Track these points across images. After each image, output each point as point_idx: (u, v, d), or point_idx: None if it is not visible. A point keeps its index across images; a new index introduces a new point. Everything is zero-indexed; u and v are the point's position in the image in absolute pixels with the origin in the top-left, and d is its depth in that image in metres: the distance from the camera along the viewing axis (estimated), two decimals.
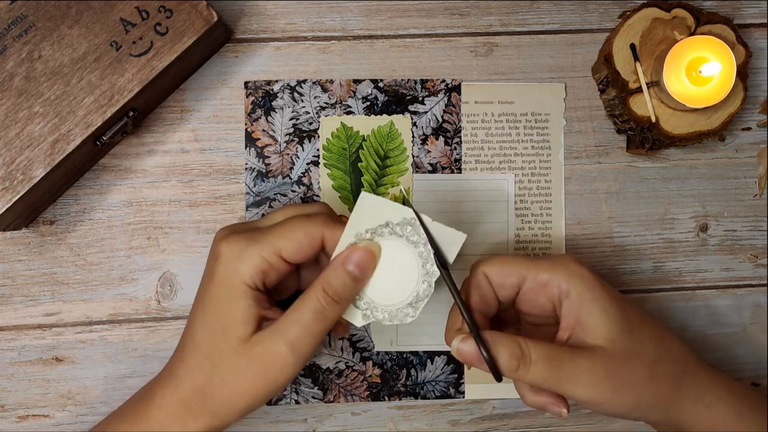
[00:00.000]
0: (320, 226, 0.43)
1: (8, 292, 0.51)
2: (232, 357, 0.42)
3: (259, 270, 0.42)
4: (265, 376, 0.42)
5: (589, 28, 0.54)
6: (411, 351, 0.53)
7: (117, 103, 0.46)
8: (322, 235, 0.43)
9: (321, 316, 0.42)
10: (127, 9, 0.46)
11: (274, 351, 0.41)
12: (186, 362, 0.44)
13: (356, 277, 0.43)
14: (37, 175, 0.45)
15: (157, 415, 0.43)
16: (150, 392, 0.45)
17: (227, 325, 0.42)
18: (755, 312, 0.55)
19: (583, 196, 0.54)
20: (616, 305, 0.43)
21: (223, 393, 0.42)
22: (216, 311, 0.43)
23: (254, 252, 0.42)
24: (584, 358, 0.42)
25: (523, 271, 0.44)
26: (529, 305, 0.45)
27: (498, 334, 0.42)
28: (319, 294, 0.42)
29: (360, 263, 0.42)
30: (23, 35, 0.45)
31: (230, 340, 0.42)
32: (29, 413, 0.52)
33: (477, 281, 0.45)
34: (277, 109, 0.52)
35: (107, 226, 0.52)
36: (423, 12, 0.53)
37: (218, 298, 0.43)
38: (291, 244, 0.42)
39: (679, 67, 0.50)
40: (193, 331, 0.44)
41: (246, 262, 0.42)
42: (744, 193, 0.55)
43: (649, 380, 0.43)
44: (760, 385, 0.55)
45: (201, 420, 0.43)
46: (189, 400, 0.43)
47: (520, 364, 0.41)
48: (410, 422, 0.54)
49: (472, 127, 0.53)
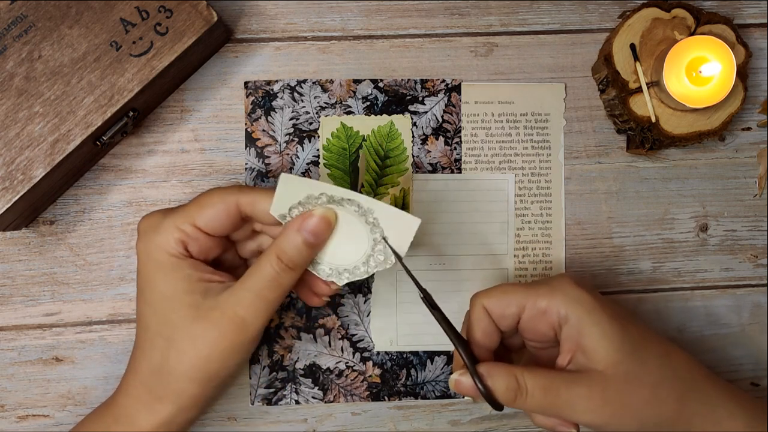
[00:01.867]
0: (234, 192, 0.43)
1: (8, 292, 0.51)
2: (185, 325, 0.42)
3: (177, 239, 0.42)
4: (224, 338, 0.42)
5: (589, 28, 0.54)
6: (411, 351, 0.53)
7: (117, 103, 0.46)
8: (236, 201, 0.43)
9: (275, 283, 0.42)
10: (127, 9, 0.46)
11: (231, 314, 0.41)
12: (139, 345, 0.44)
13: (311, 243, 0.42)
14: (37, 175, 0.45)
15: (124, 403, 0.44)
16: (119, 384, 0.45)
17: (171, 296, 0.42)
18: (755, 312, 0.55)
19: (583, 196, 0.54)
20: (618, 326, 0.43)
21: (182, 365, 0.42)
22: (153, 287, 0.43)
23: (169, 223, 0.43)
24: (581, 384, 0.42)
25: (521, 300, 0.44)
26: (531, 333, 0.45)
27: (494, 366, 0.43)
28: (273, 261, 0.42)
29: (315, 230, 0.42)
30: (23, 35, 0.45)
31: (181, 309, 0.42)
32: (29, 413, 0.52)
33: (477, 315, 0.45)
34: (277, 109, 0.52)
35: (107, 226, 0.52)
36: (423, 12, 0.53)
37: (150, 274, 0.43)
38: (205, 212, 0.43)
39: (679, 67, 0.50)
40: (139, 314, 0.44)
41: (162, 234, 0.42)
42: (744, 193, 0.55)
43: (651, 402, 0.42)
44: (759, 386, 0.55)
45: (167, 402, 0.42)
46: (150, 382, 0.43)
47: (517, 395, 0.42)
48: (410, 422, 0.54)
49: (472, 127, 0.53)
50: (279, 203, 0.43)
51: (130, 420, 0.43)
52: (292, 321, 0.53)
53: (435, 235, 0.53)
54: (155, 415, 0.43)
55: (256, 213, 0.43)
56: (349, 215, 0.43)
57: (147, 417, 0.43)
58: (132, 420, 0.43)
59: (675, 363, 0.44)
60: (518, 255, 0.54)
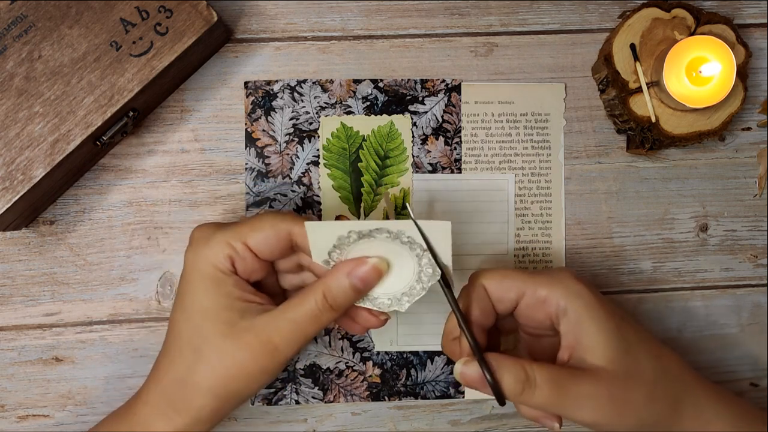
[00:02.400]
0: (288, 221, 0.43)
1: (8, 292, 0.51)
2: (217, 340, 0.42)
3: (226, 255, 0.42)
4: (254, 361, 0.41)
5: (589, 28, 0.54)
6: (411, 351, 0.53)
7: (117, 103, 0.46)
8: (289, 230, 0.43)
9: (316, 318, 0.42)
10: (127, 9, 0.46)
11: (265, 340, 0.41)
12: (167, 353, 0.43)
13: (358, 289, 0.42)
14: (37, 175, 0.45)
15: (141, 412, 0.43)
16: (139, 389, 0.45)
17: (208, 309, 0.42)
18: (754, 312, 0.55)
19: (583, 196, 0.54)
20: (614, 324, 0.43)
21: (208, 380, 0.42)
22: (193, 297, 0.43)
23: (221, 237, 0.43)
24: (587, 381, 0.42)
25: (521, 287, 0.44)
26: (527, 319, 0.45)
27: (502, 357, 0.42)
28: (318, 297, 0.42)
29: (365, 277, 0.42)
30: (23, 35, 0.45)
31: (215, 324, 0.42)
32: (29, 413, 0.52)
33: (477, 294, 0.44)
34: (277, 109, 0.52)
35: (107, 226, 0.52)
36: (423, 12, 0.53)
37: (193, 284, 0.43)
38: (257, 234, 0.43)
39: (679, 67, 0.50)
40: (173, 321, 0.44)
41: (212, 248, 0.42)
42: (744, 193, 0.55)
43: (650, 401, 0.42)
44: (758, 386, 0.55)
45: (186, 414, 0.42)
46: (171, 394, 0.42)
47: (525, 388, 0.41)
48: (410, 422, 0.54)
49: (472, 127, 0.53)
50: (316, 252, 0.43)
51: (145, 429, 0.43)
52: None
53: None
54: (171, 426, 0.42)
55: (305, 246, 0.43)
56: (386, 243, 0.42)
57: (163, 427, 0.43)
58: (148, 429, 0.43)
59: (667, 364, 0.44)
60: (518, 255, 0.54)
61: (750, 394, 0.55)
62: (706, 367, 0.55)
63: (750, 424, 0.45)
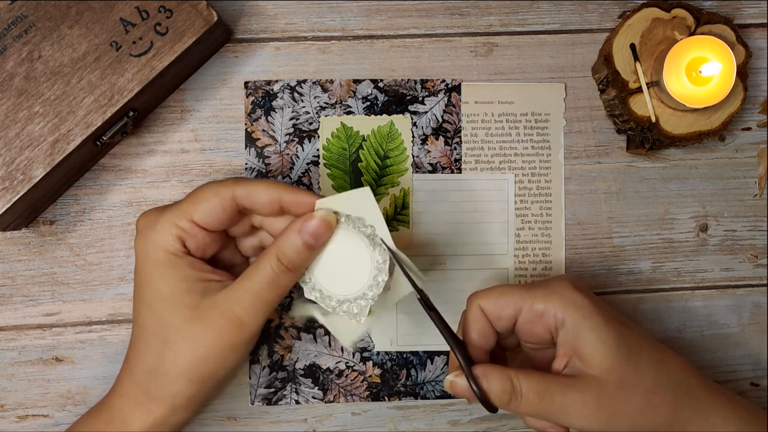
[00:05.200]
0: (229, 185, 0.43)
1: (8, 292, 0.51)
2: (183, 326, 0.41)
3: (175, 236, 0.42)
4: (222, 338, 0.41)
5: (589, 28, 0.54)
6: (411, 351, 0.53)
7: (117, 103, 0.46)
8: (232, 193, 0.42)
9: (274, 284, 0.42)
10: (127, 9, 0.46)
11: (229, 315, 0.41)
12: (135, 345, 0.43)
13: (311, 245, 0.42)
14: (37, 175, 0.45)
15: (118, 404, 0.43)
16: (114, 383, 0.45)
17: (168, 296, 0.42)
18: (754, 312, 0.55)
19: (583, 196, 0.54)
20: (614, 332, 0.43)
21: (179, 366, 0.42)
22: (150, 286, 0.42)
23: (165, 219, 0.42)
24: (576, 389, 0.42)
25: (518, 302, 0.44)
26: (527, 335, 0.45)
27: (489, 368, 0.43)
28: (273, 261, 0.42)
29: (315, 232, 0.42)
30: (23, 35, 0.45)
31: (178, 309, 0.42)
32: (29, 413, 0.52)
33: (473, 316, 0.45)
34: (277, 109, 0.52)
35: (107, 226, 0.52)
36: (423, 12, 0.53)
37: (148, 273, 0.42)
38: (201, 207, 0.42)
39: (679, 67, 0.50)
40: (136, 313, 0.44)
41: (159, 232, 0.42)
42: (744, 193, 0.55)
43: (646, 409, 0.42)
44: (759, 386, 0.55)
45: (162, 403, 0.42)
46: (145, 383, 0.42)
47: (512, 398, 0.42)
48: (410, 422, 0.54)
49: (472, 127, 0.53)
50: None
51: (123, 421, 0.43)
52: (291, 321, 0.53)
53: (435, 235, 0.53)
54: (149, 415, 0.42)
55: (253, 204, 0.43)
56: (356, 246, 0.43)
57: (141, 418, 0.42)
58: (126, 421, 0.43)
59: (670, 369, 0.44)
60: (518, 255, 0.54)
61: (750, 394, 0.55)
62: (706, 368, 0.55)
63: (757, 426, 0.45)
